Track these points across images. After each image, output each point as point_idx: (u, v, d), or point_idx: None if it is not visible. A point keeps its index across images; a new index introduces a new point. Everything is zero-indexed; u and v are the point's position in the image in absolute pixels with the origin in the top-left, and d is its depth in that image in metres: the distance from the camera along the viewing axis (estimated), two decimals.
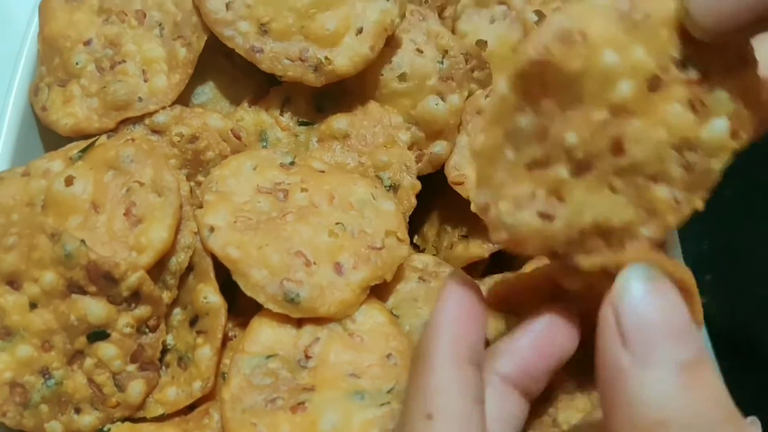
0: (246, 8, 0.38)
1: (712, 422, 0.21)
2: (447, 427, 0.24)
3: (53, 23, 0.41)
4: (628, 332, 0.22)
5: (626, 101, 0.23)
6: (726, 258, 0.61)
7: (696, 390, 0.21)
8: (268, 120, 0.41)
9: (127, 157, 0.35)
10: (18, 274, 0.33)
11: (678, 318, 0.22)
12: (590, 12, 0.23)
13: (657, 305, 0.22)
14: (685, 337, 0.22)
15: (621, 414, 0.22)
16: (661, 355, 0.22)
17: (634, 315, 0.22)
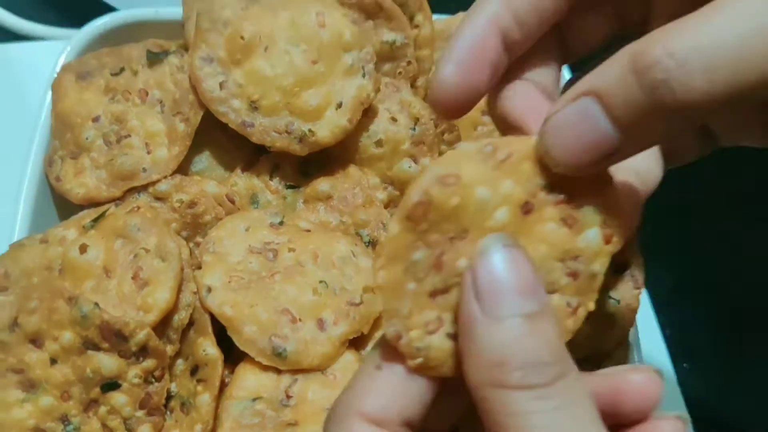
0: (238, 87, 0.42)
1: (543, 364, 0.24)
2: None
3: (65, 101, 0.44)
4: (481, 288, 0.25)
5: (504, 226, 0.26)
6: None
7: (532, 337, 0.24)
8: (259, 185, 0.44)
9: (134, 226, 0.39)
10: (40, 333, 0.36)
11: (524, 277, 0.25)
12: (461, 158, 0.26)
13: (506, 266, 0.25)
14: (529, 294, 0.24)
15: (471, 358, 0.25)
16: (507, 307, 0.24)
17: (486, 273, 0.25)
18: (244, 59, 0.42)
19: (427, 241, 0.26)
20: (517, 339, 0.24)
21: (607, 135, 0.25)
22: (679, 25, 0.23)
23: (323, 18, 0.42)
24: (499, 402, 0.24)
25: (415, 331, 0.26)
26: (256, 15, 0.42)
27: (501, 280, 0.25)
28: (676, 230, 0.67)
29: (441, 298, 0.26)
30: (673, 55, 0.23)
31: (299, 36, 0.42)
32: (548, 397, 0.24)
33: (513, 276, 0.25)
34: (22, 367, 0.37)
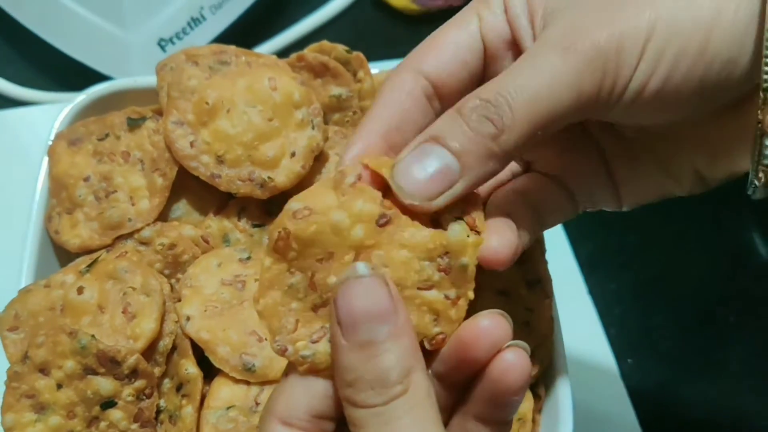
0: (206, 145, 0.47)
1: (388, 385, 0.27)
2: None
3: (59, 165, 0.49)
4: (340, 316, 0.27)
5: (362, 241, 0.28)
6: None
7: (381, 359, 0.27)
8: (229, 225, 0.49)
9: (123, 268, 0.44)
10: (47, 363, 0.41)
11: (376, 304, 0.27)
12: (313, 191, 0.29)
13: (360, 295, 0.27)
14: (380, 320, 0.27)
15: (335, 376, 0.28)
16: (361, 334, 0.27)
17: (343, 303, 0.27)
18: (209, 121, 0.47)
19: (299, 267, 0.29)
20: (369, 361, 0.27)
21: (449, 165, 0.29)
22: (499, 77, 0.29)
23: (275, 82, 0.48)
24: (353, 415, 0.27)
25: (300, 342, 0.29)
26: (218, 83, 0.48)
27: (356, 308, 0.27)
28: (615, 239, 0.72)
29: (322, 311, 0.29)
30: (500, 93, 0.29)
31: (255, 99, 0.47)
32: (385, 413, 0.27)
33: (368, 304, 0.27)
34: (33, 392, 0.42)
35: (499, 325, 0.29)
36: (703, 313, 0.70)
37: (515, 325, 0.43)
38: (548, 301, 0.46)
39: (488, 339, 0.29)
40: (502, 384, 0.29)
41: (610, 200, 0.38)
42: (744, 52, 0.29)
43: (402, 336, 0.28)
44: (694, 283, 0.71)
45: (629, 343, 0.66)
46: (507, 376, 0.29)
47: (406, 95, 0.33)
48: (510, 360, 0.29)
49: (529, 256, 0.46)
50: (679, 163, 0.35)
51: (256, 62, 0.50)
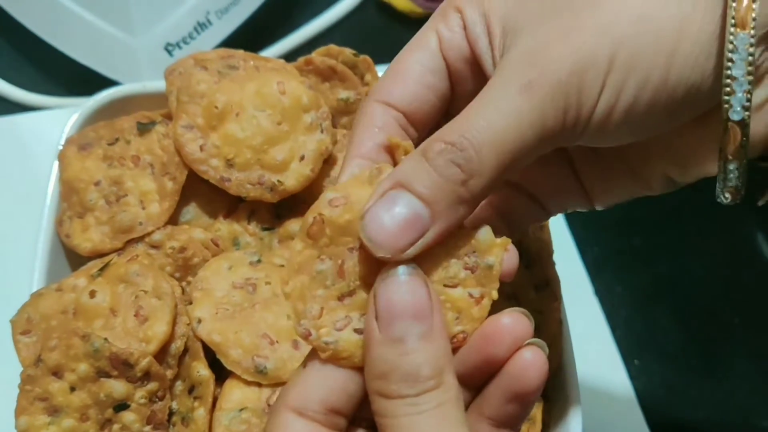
0: (215, 149, 0.47)
1: (420, 379, 0.27)
2: None
3: (70, 169, 0.49)
4: (380, 310, 0.28)
5: None
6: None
7: (416, 355, 0.27)
8: (239, 229, 0.50)
9: (134, 272, 0.44)
10: (60, 366, 0.42)
11: (417, 303, 0.27)
12: (350, 183, 0.30)
13: (402, 292, 0.27)
14: (419, 318, 0.27)
15: (366, 367, 0.28)
16: (399, 329, 0.27)
17: (385, 298, 0.28)
18: (219, 125, 0.48)
19: (329, 253, 0.29)
20: (401, 357, 0.27)
21: (419, 214, 0.28)
22: (462, 117, 0.29)
23: (283, 86, 0.48)
24: (381, 406, 0.28)
25: (324, 329, 0.29)
26: (227, 87, 0.48)
27: (396, 305, 0.27)
28: (620, 241, 0.73)
29: (348, 300, 0.29)
30: (464, 136, 0.28)
31: (264, 103, 0.48)
32: (415, 404, 0.27)
33: (407, 302, 0.27)
34: (46, 395, 0.42)
35: (520, 322, 0.29)
36: (709, 314, 0.70)
37: None
38: (557, 303, 0.46)
39: (510, 335, 0.29)
40: (521, 381, 0.29)
41: (581, 203, 0.38)
42: (706, 75, 0.29)
43: (437, 337, 0.28)
44: (700, 284, 0.71)
45: (636, 345, 0.67)
46: (526, 373, 0.29)
47: (380, 130, 0.32)
48: (529, 358, 0.29)
49: (537, 259, 0.47)
50: (649, 170, 0.35)
51: (264, 66, 0.51)
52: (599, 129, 0.30)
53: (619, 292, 0.69)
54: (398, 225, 0.28)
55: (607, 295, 0.68)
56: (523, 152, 0.29)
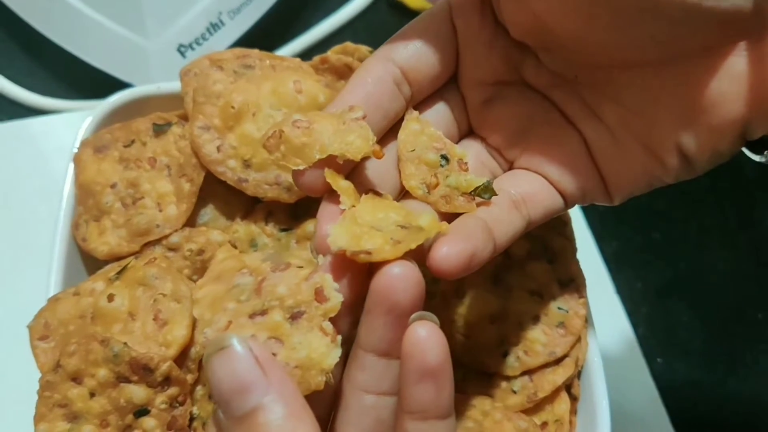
0: (232, 149, 0.47)
1: None
2: None
3: (86, 172, 0.49)
4: (214, 397, 0.28)
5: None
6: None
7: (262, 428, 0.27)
8: (257, 230, 0.49)
9: (152, 275, 0.43)
10: (79, 372, 0.41)
11: (239, 378, 0.27)
12: (316, 114, 0.31)
13: (220, 373, 0.28)
14: (250, 390, 0.27)
15: None
16: (236, 409, 0.28)
17: (212, 383, 0.28)
18: (235, 125, 0.47)
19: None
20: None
21: None
22: None
23: (300, 85, 0.47)
24: None
25: None
26: (243, 87, 0.48)
27: (222, 389, 0.28)
28: (640, 237, 0.72)
29: (259, 319, 0.30)
30: None
31: (281, 102, 0.47)
32: None
33: (232, 380, 0.28)
34: (66, 401, 0.41)
35: (407, 268, 0.29)
36: (731, 310, 0.69)
37: (549, 326, 0.43)
38: (582, 300, 0.45)
39: (401, 283, 0.29)
40: (425, 360, 0.29)
41: (599, 193, 0.38)
42: None
43: (279, 399, 0.27)
44: (721, 280, 0.70)
45: (658, 343, 0.66)
46: (423, 349, 0.29)
47: (373, 81, 0.33)
48: (423, 334, 0.29)
49: (561, 255, 0.46)
50: (660, 141, 0.35)
51: (280, 65, 0.50)
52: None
53: (639, 288, 0.69)
54: None
55: (627, 292, 0.67)
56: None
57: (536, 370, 0.45)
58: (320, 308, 0.29)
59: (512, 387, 0.45)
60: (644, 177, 0.36)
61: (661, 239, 0.72)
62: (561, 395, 0.46)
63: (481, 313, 0.45)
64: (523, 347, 0.45)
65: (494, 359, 0.45)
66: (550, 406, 0.46)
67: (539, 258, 0.46)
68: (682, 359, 0.66)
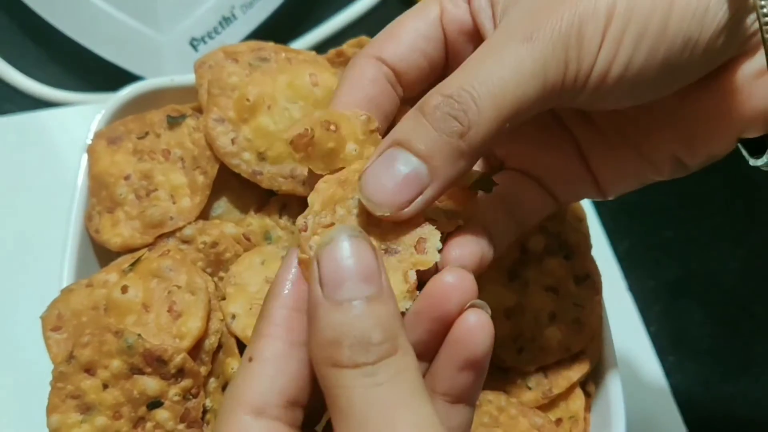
0: (247, 142, 0.46)
1: (372, 344, 0.25)
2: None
3: (99, 164, 0.49)
4: (324, 274, 0.26)
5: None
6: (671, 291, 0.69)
7: (365, 319, 0.25)
8: (271, 223, 0.49)
9: (166, 267, 0.44)
10: (93, 363, 0.41)
11: (365, 264, 0.26)
12: (343, 118, 0.31)
13: (349, 254, 0.26)
14: (367, 280, 0.26)
15: (312, 337, 0.26)
16: (346, 292, 0.26)
17: (329, 260, 0.26)
18: (250, 117, 0.47)
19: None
20: (351, 321, 0.26)
21: (418, 171, 0.28)
22: (461, 70, 0.29)
23: (316, 78, 0.47)
24: (333, 378, 0.26)
25: (317, 237, 0.29)
26: (259, 79, 0.47)
27: (343, 267, 0.26)
28: (652, 235, 0.72)
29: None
30: (463, 88, 0.28)
31: (296, 95, 0.47)
32: (372, 374, 0.25)
33: (354, 263, 0.26)
34: (79, 393, 0.41)
35: (464, 278, 0.29)
36: (745, 309, 0.69)
37: (565, 323, 0.43)
38: (598, 297, 0.45)
39: (456, 291, 0.28)
40: (470, 346, 0.28)
41: (591, 191, 0.38)
42: (704, 28, 0.29)
43: (386, 300, 0.26)
44: (733, 278, 0.70)
45: (670, 341, 0.66)
46: (473, 337, 0.28)
47: (369, 82, 0.33)
48: (473, 321, 0.28)
49: (577, 251, 0.46)
50: (655, 150, 0.35)
51: (295, 58, 0.50)
52: (599, 86, 0.30)
53: (652, 286, 0.68)
54: (397, 183, 0.28)
55: (640, 291, 0.67)
56: (523, 105, 0.29)
57: (551, 367, 0.45)
58: (415, 256, 0.29)
59: (527, 383, 0.45)
60: (638, 178, 0.37)
61: (673, 238, 0.72)
62: (576, 392, 0.46)
63: (497, 308, 0.45)
64: (539, 343, 0.45)
65: (510, 355, 0.45)
66: (565, 403, 0.45)
67: (555, 254, 0.45)
68: (694, 358, 0.66)
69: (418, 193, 0.28)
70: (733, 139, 0.33)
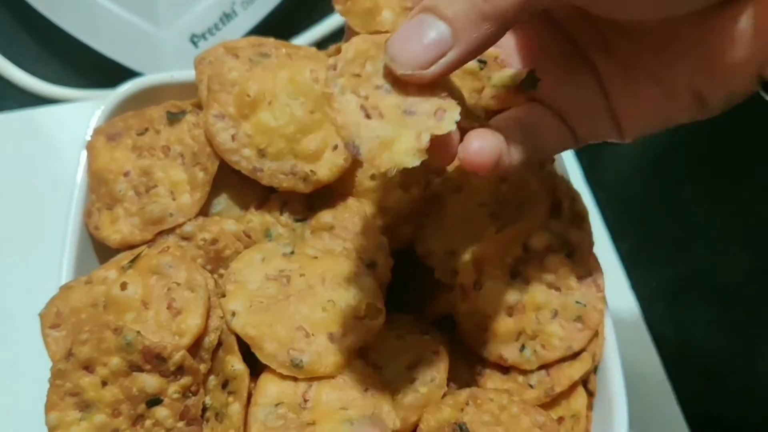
0: (247, 138, 0.46)
1: None
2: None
3: (99, 160, 0.48)
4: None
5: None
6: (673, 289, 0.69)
7: None
8: (271, 220, 0.48)
9: (166, 264, 0.43)
10: (91, 360, 0.41)
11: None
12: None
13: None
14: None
15: None
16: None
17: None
18: (251, 114, 0.47)
19: None
20: None
21: (442, 33, 0.29)
22: None
23: (317, 74, 0.47)
24: None
25: (342, 79, 0.31)
26: (259, 75, 0.47)
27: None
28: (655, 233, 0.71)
29: (385, 87, 0.31)
30: None
31: (297, 90, 0.47)
32: None
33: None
34: (77, 390, 0.41)
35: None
36: (748, 309, 0.68)
37: (567, 321, 0.42)
38: (600, 294, 0.45)
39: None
40: None
41: (611, 131, 0.38)
42: None
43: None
44: (739, 277, 0.69)
45: (673, 341, 0.65)
46: None
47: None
48: None
49: (578, 249, 0.45)
50: (675, 81, 0.35)
51: (296, 54, 0.50)
52: None
53: (654, 286, 0.68)
54: (421, 44, 0.29)
55: (643, 290, 0.67)
56: None
57: (553, 365, 0.44)
58: (432, 122, 0.30)
59: (529, 381, 0.44)
60: (657, 115, 0.36)
61: (676, 236, 0.71)
62: (578, 390, 0.45)
63: (499, 305, 0.44)
64: (541, 341, 0.44)
65: (511, 352, 0.44)
66: (567, 401, 0.45)
67: (558, 251, 0.45)
68: (698, 358, 0.65)
69: (440, 54, 0.29)
70: (753, 75, 0.32)
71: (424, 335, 0.46)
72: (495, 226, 0.47)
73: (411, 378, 0.43)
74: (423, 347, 0.45)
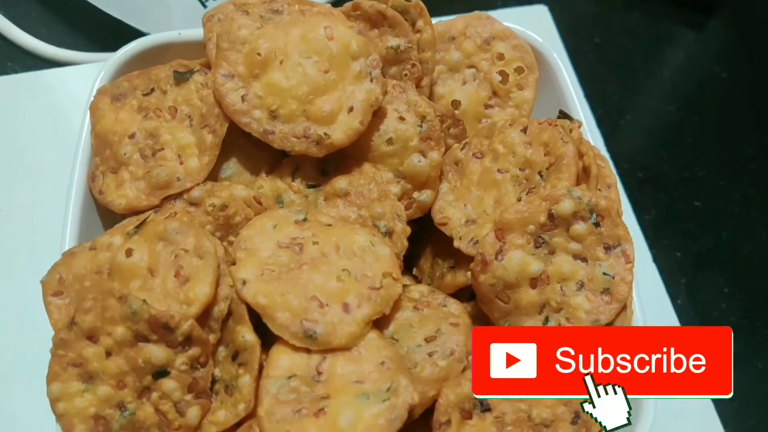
0: (258, 99, 0.45)
1: None
2: None
3: (103, 122, 0.47)
4: None
5: None
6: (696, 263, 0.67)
7: None
8: (283, 186, 0.47)
9: (173, 230, 0.42)
10: (95, 330, 0.39)
11: None
12: None
13: None
14: None
15: None
16: None
17: None
18: (261, 73, 0.45)
19: None
20: None
21: None
22: None
23: (331, 31, 0.45)
24: None
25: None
26: (270, 33, 0.45)
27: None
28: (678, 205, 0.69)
29: None
30: None
31: (310, 49, 0.45)
32: None
33: None
34: (81, 361, 0.40)
35: None
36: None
37: (593, 293, 0.40)
38: (630, 265, 0.42)
39: None
40: None
41: None
42: None
43: None
44: (763, 250, 0.67)
45: (697, 315, 0.63)
46: None
47: None
48: None
49: (606, 217, 0.43)
50: None
51: (309, 11, 0.47)
52: None
53: (678, 258, 0.66)
54: None
55: (665, 262, 0.64)
56: None
57: None
58: None
59: None
60: None
61: (700, 208, 0.69)
62: None
63: (522, 276, 0.42)
64: (566, 313, 0.42)
65: (534, 325, 0.42)
66: None
67: (585, 219, 0.43)
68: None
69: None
70: None
71: (442, 307, 0.44)
72: (518, 193, 0.45)
73: (429, 351, 0.41)
74: (442, 319, 0.43)
